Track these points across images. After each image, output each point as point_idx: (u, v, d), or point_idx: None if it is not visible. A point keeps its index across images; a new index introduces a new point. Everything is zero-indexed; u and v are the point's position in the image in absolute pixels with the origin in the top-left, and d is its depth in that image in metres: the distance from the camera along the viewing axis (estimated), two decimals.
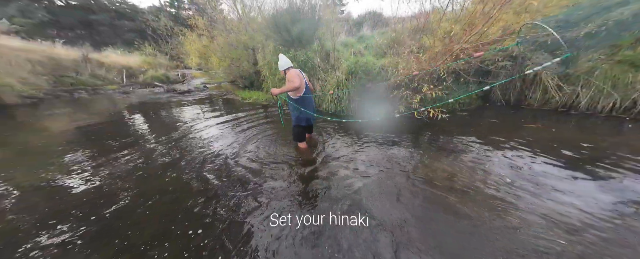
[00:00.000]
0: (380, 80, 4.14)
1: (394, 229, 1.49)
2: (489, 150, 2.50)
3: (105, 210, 1.76)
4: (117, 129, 3.88)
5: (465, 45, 2.98)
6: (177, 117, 4.72)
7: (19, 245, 1.44)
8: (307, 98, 2.37)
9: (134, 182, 2.15)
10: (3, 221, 1.66)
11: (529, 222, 1.50)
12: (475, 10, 2.79)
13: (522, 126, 3.19)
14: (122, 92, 7.89)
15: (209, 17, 7.85)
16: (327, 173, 2.19)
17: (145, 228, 1.57)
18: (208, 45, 8.70)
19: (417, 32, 3.84)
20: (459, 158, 2.34)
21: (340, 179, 2.08)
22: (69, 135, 3.53)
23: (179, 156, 2.67)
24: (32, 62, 6.68)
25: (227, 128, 3.70)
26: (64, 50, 8.84)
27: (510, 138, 2.73)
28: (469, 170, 2.13)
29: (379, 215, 1.63)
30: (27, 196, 1.96)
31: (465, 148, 2.58)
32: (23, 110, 5.03)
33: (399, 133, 3.16)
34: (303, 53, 4.97)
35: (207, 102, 6.21)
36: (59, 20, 14.72)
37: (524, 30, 1.78)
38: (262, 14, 6.79)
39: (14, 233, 1.56)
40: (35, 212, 1.75)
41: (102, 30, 16.29)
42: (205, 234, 1.51)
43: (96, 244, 1.45)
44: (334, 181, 2.06)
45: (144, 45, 12.55)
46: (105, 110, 5.25)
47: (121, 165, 2.50)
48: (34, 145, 3.17)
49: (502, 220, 1.53)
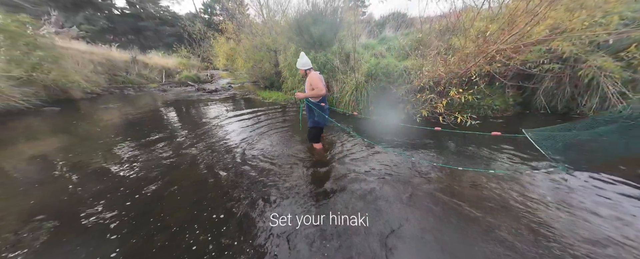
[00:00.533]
0: (402, 83, 3.96)
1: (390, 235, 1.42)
2: (526, 163, 2.22)
3: (142, 193, 2.00)
4: (156, 122, 4.37)
5: (503, 46, 2.69)
6: (205, 113, 5.12)
7: (78, 215, 1.72)
8: (325, 102, 2.41)
9: (166, 169, 2.40)
10: (68, 194, 2.00)
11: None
12: (517, 7, 2.50)
13: None
14: (161, 89, 8.85)
15: (237, 22, 8.40)
16: (338, 174, 2.18)
17: (176, 211, 1.75)
18: (235, 47, 9.32)
19: (445, 33, 3.59)
20: (490, 170, 2.12)
21: (350, 181, 2.06)
22: (118, 126, 4.09)
23: (203, 148, 2.92)
24: (93, 63, 7.89)
25: (246, 125, 3.93)
26: (117, 52, 10.25)
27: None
28: (500, 185, 1.91)
29: (382, 219, 1.58)
30: (86, 175, 2.32)
31: (496, 157, 2.32)
32: (85, 103, 5.96)
33: (420, 137, 2.99)
34: (323, 55, 5.01)
35: (231, 100, 6.63)
36: (116, 27, 17.13)
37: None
38: (285, 17, 7.04)
39: (76, 205, 1.85)
40: (88, 190, 2.06)
41: (148, 35, 18.53)
42: (226, 221, 1.62)
43: (135, 224, 1.66)
44: (344, 182, 2.04)
45: (181, 48, 13.93)
46: (147, 105, 5.96)
47: (156, 153, 2.83)
48: (92, 133, 3.75)
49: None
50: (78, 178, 2.29)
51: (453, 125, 3.26)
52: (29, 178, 2.30)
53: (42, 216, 1.75)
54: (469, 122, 3.11)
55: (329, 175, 2.19)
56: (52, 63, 5.56)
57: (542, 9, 2.30)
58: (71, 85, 6.02)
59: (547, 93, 3.61)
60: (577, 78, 3.20)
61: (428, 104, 3.52)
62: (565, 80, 3.35)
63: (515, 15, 2.60)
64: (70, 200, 1.94)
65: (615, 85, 2.87)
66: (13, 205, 1.88)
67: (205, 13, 20.24)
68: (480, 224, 1.53)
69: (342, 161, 2.45)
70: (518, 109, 3.92)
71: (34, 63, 5.16)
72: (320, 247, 1.41)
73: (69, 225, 1.66)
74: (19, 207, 1.86)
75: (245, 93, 7.78)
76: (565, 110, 3.57)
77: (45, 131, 3.80)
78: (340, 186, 2.01)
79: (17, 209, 1.83)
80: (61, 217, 1.74)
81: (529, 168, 2.11)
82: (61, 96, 5.81)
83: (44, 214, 1.77)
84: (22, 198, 1.98)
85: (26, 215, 1.77)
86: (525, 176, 2.01)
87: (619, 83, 2.86)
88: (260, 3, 7.39)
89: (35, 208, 1.85)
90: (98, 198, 1.95)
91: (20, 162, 2.67)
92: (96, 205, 1.87)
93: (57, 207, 1.86)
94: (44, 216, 1.75)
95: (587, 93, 3.23)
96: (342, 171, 2.25)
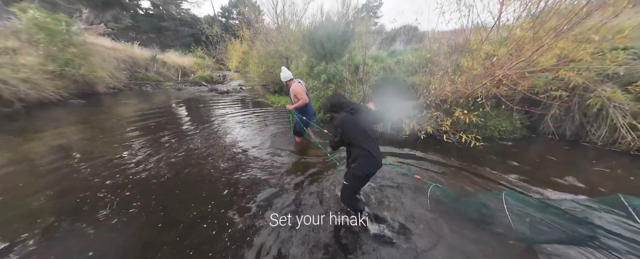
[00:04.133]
0: (409, 98, 4.05)
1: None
2: (535, 187, 2.23)
3: (152, 184, 2.15)
4: (170, 119, 4.65)
5: (508, 71, 2.76)
6: (216, 113, 5.37)
7: (97, 205, 1.88)
8: (310, 108, 2.75)
9: (174, 165, 2.57)
10: (87, 185, 2.17)
11: None
12: (524, 36, 2.58)
13: (581, 166, 2.73)
14: (177, 88, 9.26)
15: (254, 30, 8.79)
16: (335, 180, 2.27)
17: (182, 206, 1.88)
18: (248, 51, 9.70)
19: (453, 53, 3.68)
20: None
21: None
22: (135, 120, 4.38)
23: (211, 146, 3.14)
24: (117, 60, 8.41)
25: (254, 127, 4.19)
26: (139, 50, 10.87)
27: (570, 181, 2.35)
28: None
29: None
30: (100, 166, 2.51)
31: (505, 179, 2.34)
32: (107, 97, 6.36)
33: (423, 152, 3.07)
34: (333, 66, 5.19)
35: (242, 102, 6.89)
36: (139, 25, 18.16)
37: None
38: (299, 27, 7.33)
39: (90, 192, 2.02)
40: (99, 176, 2.23)
41: (167, 35, 19.50)
42: (228, 219, 1.72)
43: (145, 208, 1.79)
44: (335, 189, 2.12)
45: (197, 49, 14.58)
46: (162, 102, 6.29)
47: (166, 146, 3.07)
48: (112, 125, 4.06)
49: None
50: (93, 167, 2.49)
51: (457, 144, 3.30)
52: (48, 166, 2.51)
53: (56, 203, 1.92)
54: (474, 142, 3.14)
55: (330, 178, 2.30)
56: (82, 59, 6.01)
57: (549, 40, 2.37)
58: (97, 80, 6.46)
59: (556, 118, 3.61)
60: (585, 106, 3.20)
61: (434, 121, 3.57)
62: (573, 108, 3.35)
63: (523, 42, 2.67)
64: (83, 187, 2.11)
65: (625, 117, 2.86)
66: (30, 193, 2.04)
67: (223, 16, 21.20)
68: None
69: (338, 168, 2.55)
70: (525, 132, 3.91)
71: (68, 59, 5.61)
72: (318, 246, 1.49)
73: (80, 214, 1.82)
74: (36, 193, 2.03)
75: (255, 96, 8.05)
76: (574, 137, 3.54)
77: (70, 122, 4.11)
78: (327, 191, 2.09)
79: (32, 196, 2.01)
80: (76, 204, 1.90)
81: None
82: (87, 90, 6.24)
83: (58, 201, 1.94)
84: (41, 184, 2.16)
85: (40, 202, 1.92)
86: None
87: (628, 116, 2.85)
88: (277, 12, 7.75)
89: (50, 194, 2.02)
90: (109, 187, 2.12)
91: (44, 150, 2.92)
92: (107, 193, 2.03)
93: (72, 192, 2.02)
94: (58, 204, 1.92)
95: (596, 122, 3.21)
96: (339, 178, 2.36)
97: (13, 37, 5.34)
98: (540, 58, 2.60)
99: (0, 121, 3.93)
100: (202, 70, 12.52)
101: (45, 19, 5.33)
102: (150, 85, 9.02)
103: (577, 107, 3.32)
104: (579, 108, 3.32)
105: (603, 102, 2.94)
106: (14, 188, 2.11)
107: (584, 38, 2.37)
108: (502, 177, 2.43)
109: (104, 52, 8.01)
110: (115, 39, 12.39)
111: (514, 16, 3.01)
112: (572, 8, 2.24)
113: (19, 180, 2.24)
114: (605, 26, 2.32)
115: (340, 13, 5.24)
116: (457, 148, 3.26)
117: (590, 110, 3.16)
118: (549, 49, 2.46)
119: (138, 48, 11.04)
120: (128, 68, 8.86)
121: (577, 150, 3.26)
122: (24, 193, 2.06)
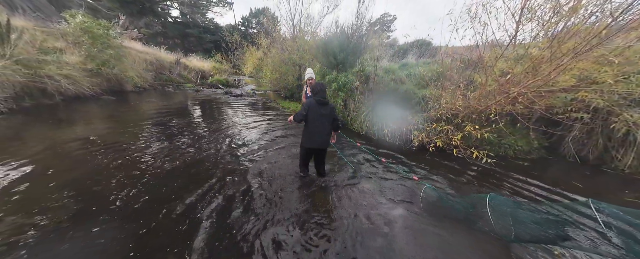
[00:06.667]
0: (419, 111, 4.03)
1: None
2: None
3: (164, 178, 2.27)
4: (188, 118, 4.95)
5: (524, 89, 2.71)
6: (230, 114, 5.66)
7: (108, 193, 2.02)
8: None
9: (187, 162, 2.71)
10: (107, 173, 2.35)
11: None
12: (541, 55, 2.55)
13: (613, 195, 2.52)
14: (195, 90, 9.84)
15: (271, 38, 9.31)
16: (339, 194, 2.28)
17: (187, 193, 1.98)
18: (263, 58, 10.20)
19: (466, 68, 3.68)
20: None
21: (345, 199, 2.16)
22: (156, 117, 4.74)
23: (221, 144, 3.34)
24: (146, 62, 9.15)
25: (263, 129, 4.40)
26: (165, 54, 11.76)
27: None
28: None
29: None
30: (122, 157, 2.70)
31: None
32: (134, 95, 6.89)
33: (431, 166, 3.03)
34: (344, 75, 5.32)
35: (254, 106, 7.17)
36: (167, 31, 19.76)
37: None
38: (314, 38, 7.66)
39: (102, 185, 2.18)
40: (120, 169, 2.40)
41: (191, 41, 21.02)
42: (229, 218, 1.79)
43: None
44: (340, 191, 2.17)
45: (216, 54, 15.52)
46: (182, 102, 6.72)
47: (181, 144, 3.27)
48: (135, 119, 4.42)
49: None
50: (115, 158, 2.71)
51: (469, 160, 3.21)
52: (75, 155, 2.75)
53: (73, 190, 2.08)
54: (485, 159, 3.04)
55: (323, 190, 2.32)
56: (117, 60, 6.63)
57: (567, 60, 2.33)
58: (127, 79, 7.06)
59: (577, 141, 3.41)
60: (610, 130, 3.02)
61: (444, 135, 3.52)
62: (597, 131, 3.17)
63: (540, 62, 2.64)
64: (100, 176, 2.28)
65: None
66: (56, 178, 2.24)
67: (242, 25, 22.61)
68: None
69: (340, 182, 2.60)
70: (543, 153, 3.72)
71: (105, 59, 6.22)
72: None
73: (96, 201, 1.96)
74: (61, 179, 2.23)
75: (267, 101, 8.34)
76: (598, 162, 3.31)
77: (101, 117, 4.53)
78: (336, 192, 2.11)
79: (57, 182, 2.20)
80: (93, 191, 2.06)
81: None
82: (117, 88, 6.82)
83: (76, 187, 2.11)
84: (66, 172, 2.36)
85: (62, 187, 2.08)
86: None
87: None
88: (294, 23, 8.18)
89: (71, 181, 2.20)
90: (125, 178, 2.27)
91: (75, 139, 3.21)
92: (121, 185, 2.17)
93: (91, 177, 2.19)
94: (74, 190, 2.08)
95: (623, 148, 3.00)
96: (338, 182, 2.49)
97: (62, 39, 6.05)
98: (559, 78, 2.55)
99: (43, 111, 4.39)
100: (219, 74, 13.22)
101: (90, 24, 6.02)
102: (172, 86, 9.66)
103: (601, 129, 3.14)
104: (603, 132, 3.14)
105: (629, 126, 2.78)
106: (45, 175, 2.34)
107: (605, 60, 2.31)
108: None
109: (135, 54, 8.78)
110: (145, 43, 13.52)
111: (531, 35, 3.00)
112: (592, 30, 2.21)
113: (51, 166, 2.47)
114: (630, 49, 2.25)
115: (354, 26, 5.45)
116: (468, 163, 3.17)
117: (615, 134, 2.98)
118: (567, 69, 2.41)
119: (164, 52, 11.95)
120: (154, 70, 9.60)
121: (602, 176, 3.04)
122: (55, 177, 2.27)
